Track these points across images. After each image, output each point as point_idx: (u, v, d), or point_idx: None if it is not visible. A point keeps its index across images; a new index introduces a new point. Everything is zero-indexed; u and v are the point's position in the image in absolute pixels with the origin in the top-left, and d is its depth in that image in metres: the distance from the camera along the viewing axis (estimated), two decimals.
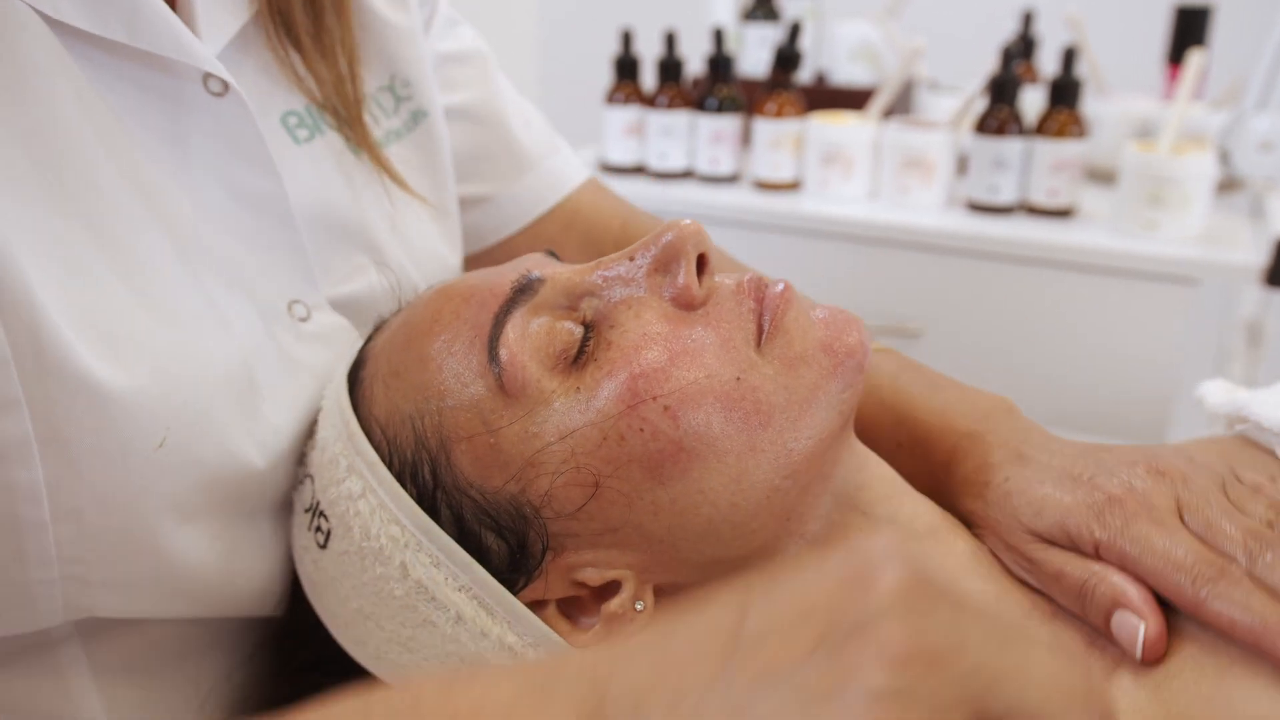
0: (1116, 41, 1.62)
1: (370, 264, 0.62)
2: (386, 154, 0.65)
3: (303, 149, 0.59)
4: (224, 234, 0.55)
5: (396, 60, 0.66)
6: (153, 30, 0.50)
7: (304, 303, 0.58)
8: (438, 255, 0.68)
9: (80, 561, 0.49)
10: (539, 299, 0.52)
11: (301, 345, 0.57)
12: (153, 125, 0.52)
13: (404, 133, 0.67)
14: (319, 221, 0.59)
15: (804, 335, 0.51)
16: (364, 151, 0.62)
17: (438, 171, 0.69)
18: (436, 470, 0.51)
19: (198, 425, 0.50)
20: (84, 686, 0.55)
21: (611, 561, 0.51)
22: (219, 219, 0.54)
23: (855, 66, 1.59)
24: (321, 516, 0.54)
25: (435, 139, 0.69)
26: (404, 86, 0.67)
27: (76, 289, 0.46)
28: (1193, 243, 1.12)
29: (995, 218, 1.22)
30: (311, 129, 0.60)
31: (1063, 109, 1.18)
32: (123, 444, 0.47)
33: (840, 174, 1.31)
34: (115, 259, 0.48)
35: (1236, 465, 0.51)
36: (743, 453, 0.49)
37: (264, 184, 0.55)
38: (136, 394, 0.47)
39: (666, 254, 0.52)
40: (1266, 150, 1.21)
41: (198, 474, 0.51)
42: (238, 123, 0.54)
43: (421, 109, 0.68)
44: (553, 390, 0.49)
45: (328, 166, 0.60)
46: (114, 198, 0.49)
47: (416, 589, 0.51)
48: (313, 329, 0.58)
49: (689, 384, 0.48)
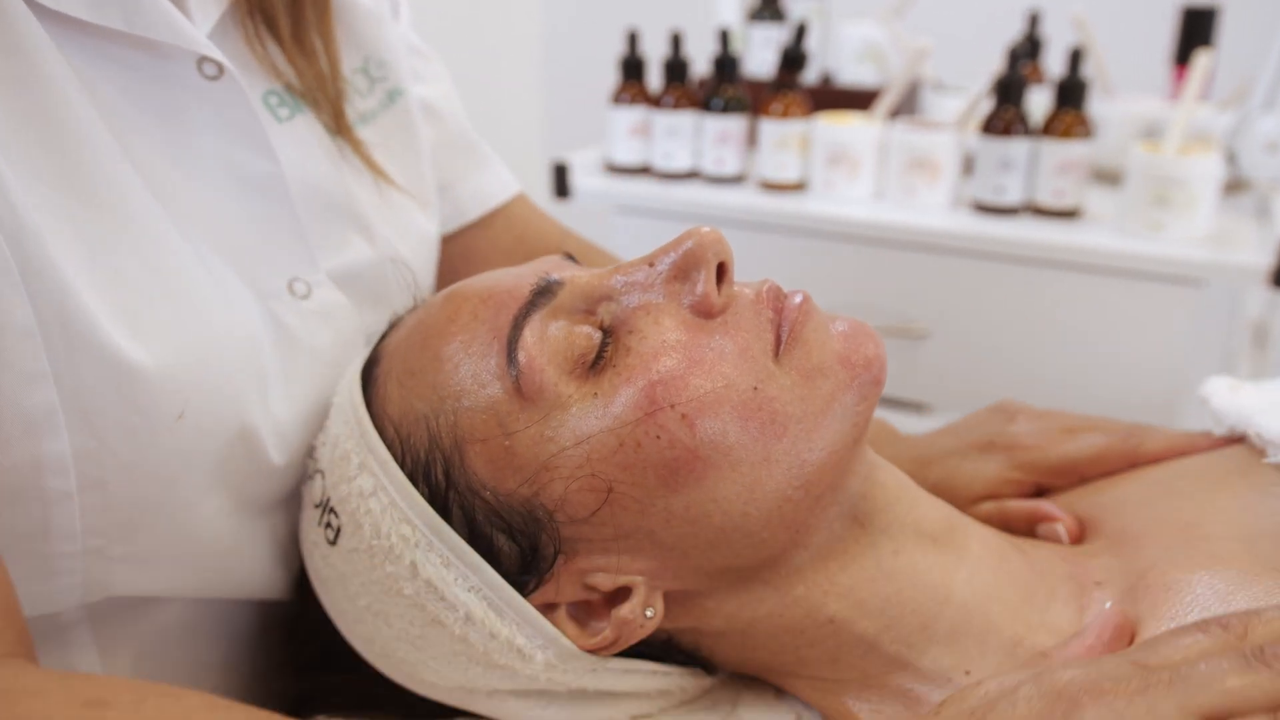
0: (1123, 42, 1.61)
1: (359, 237, 0.63)
2: (364, 133, 0.66)
3: (284, 127, 0.60)
4: (224, 215, 0.55)
5: (369, 42, 0.67)
6: (149, 16, 0.50)
7: (304, 280, 0.59)
8: (419, 229, 0.69)
9: (102, 534, 0.50)
10: (557, 302, 0.52)
11: (303, 323, 0.58)
12: (149, 110, 0.53)
13: (380, 111, 0.68)
14: (309, 197, 0.60)
15: (822, 347, 0.51)
16: (340, 135, 0.63)
17: (414, 148, 0.70)
18: (450, 470, 0.51)
19: (215, 398, 0.51)
20: (91, 670, 0.56)
21: (623, 567, 0.51)
22: (218, 200, 0.55)
23: (861, 67, 1.59)
24: (331, 513, 0.54)
25: (411, 115, 0.70)
26: (378, 68, 0.68)
27: (98, 267, 0.48)
28: (1199, 244, 1.12)
29: (1001, 218, 1.22)
30: (292, 108, 0.60)
31: (1069, 110, 1.18)
32: (145, 416, 0.49)
33: (846, 175, 1.31)
34: (129, 238, 0.49)
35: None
36: (757, 462, 0.49)
37: (261, 164, 0.56)
38: (158, 367, 0.49)
39: (687, 261, 0.52)
40: (1273, 151, 1.21)
41: (215, 445, 0.52)
42: (232, 104, 0.54)
43: (397, 87, 0.69)
44: (570, 395, 0.49)
45: (311, 143, 0.61)
46: (122, 181, 0.50)
47: (426, 588, 0.51)
48: (313, 306, 0.59)
49: (707, 392, 0.48)
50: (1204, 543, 0.53)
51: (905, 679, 0.53)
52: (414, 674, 0.54)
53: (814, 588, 0.53)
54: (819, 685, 0.55)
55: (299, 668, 0.63)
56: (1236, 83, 1.42)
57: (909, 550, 0.54)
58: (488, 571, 0.50)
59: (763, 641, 0.54)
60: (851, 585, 0.53)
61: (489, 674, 0.53)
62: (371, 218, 0.63)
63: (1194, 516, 0.56)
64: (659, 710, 0.58)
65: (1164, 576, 0.51)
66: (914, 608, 0.53)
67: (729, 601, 0.53)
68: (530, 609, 0.51)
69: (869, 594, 0.53)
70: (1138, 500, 0.60)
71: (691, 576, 0.52)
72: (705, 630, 0.54)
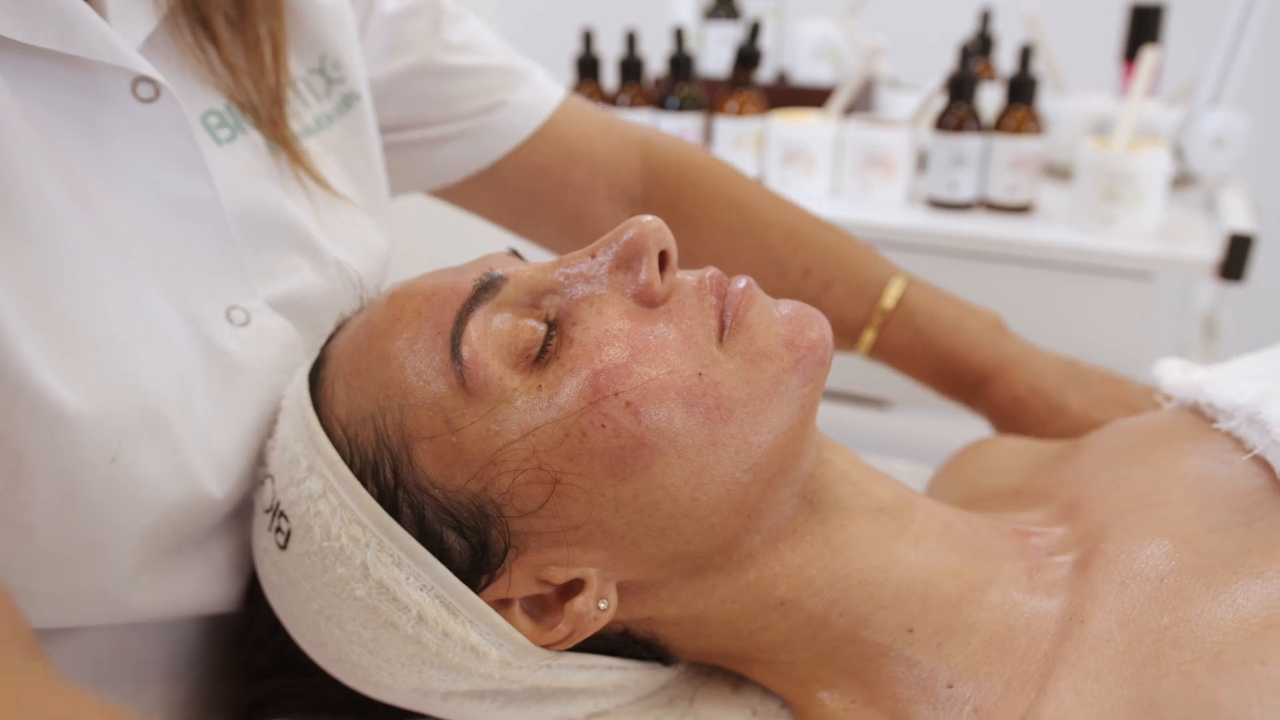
0: (1073, 39, 1.64)
1: (304, 260, 0.61)
2: (319, 139, 0.64)
3: (224, 149, 0.58)
4: (159, 242, 0.53)
5: (326, 41, 0.65)
6: (86, 36, 0.49)
7: (242, 307, 0.57)
8: (369, 245, 0.67)
9: (24, 573, 0.48)
10: (501, 297, 0.52)
11: (242, 349, 0.56)
12: (83, 134, 0.51)
13: (336, 116, 0.66)
14: (249, 222, 0.58)
15: (766, 331, 0.52)
16: (282, 149, 0.61)
17: (370, 155, 0.69)
18: (398, 469, 0.50)
19: (148, 439, 0.50)
20: None
21: (574, 559, 0.51)
22: (153, 227, 0.53)
23: (817, 65, 1.60)
24: (282, 517, 0.53)
25: (366, 120, 0.68)
26: (335, 69, 0.66)
27: (30, 307, 0.46)
28: (1149, 238, 1.14)
29: (955, 214, 1.23)
30: (233, 128, 0.59)
31: (1020, 106, 1.20)
32: (77, 460, 0.47)
33: (802, 172, 1.32)
34: (63, 274, 0.48)
35: None
36: (703, 447, 0.49)
37: (197, 189, 0.54)
38: (90, 411, 0.47)
39: (628, 251, 0.52)
40: (1219, 147, 1.23)
41: (150, 486, 0.50)
42: (169, 128, 0.53)
43: (354, 91, 0.67)
44: (514, 388, 0.49)
45: (252, 166, 0.59)
46: (55, 211, 0.48)
47: (378, 589, 0.50)
48: (251, 333, 0.57)
49: (650, 380, 0.48)
50: (1158, 509, 0.54)
51: (854, 652, 0.53)
52: (368, 678, 0.54)
53: (765, 570, 0.53)
54: (775, 669, 0.55)
55: (249, 675, 0.62)
56: (1184, 80, 1.45)
57: (856, 524, 0.54)
58: (439, 569, 0.50)
59: (717, 628, 0.54)
60: (800, 564, 0.53)
61: (444, 675, 0.52)
62: (317, 237, 0.61)
63: (1149, 484, 0.56)
64: (616, 707, 0.58)
65: (1118, 544, 0.52)
66: (860, 578, 0.53)
67: (683, 590, 0.53)
68: (483, 605, 0.50)
69: (817, 570, 0.53)
70: (1092, 468, 0.61)
71: (644, 566, 0.52)
72: (660, 620, 0.54)
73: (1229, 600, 0.46)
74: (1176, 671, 0.45)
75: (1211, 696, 0.43)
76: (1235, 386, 0.59)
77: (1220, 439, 0.58)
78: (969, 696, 0.50)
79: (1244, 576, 0.47)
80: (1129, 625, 0.48)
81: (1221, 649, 0.44)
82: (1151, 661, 0.46)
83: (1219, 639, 0.45)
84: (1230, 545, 0.50)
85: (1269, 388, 0.57)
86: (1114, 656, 0.47)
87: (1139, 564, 0.50)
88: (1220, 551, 0.49)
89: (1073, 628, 0.49)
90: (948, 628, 0.52)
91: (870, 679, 0.53)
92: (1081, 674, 0.47)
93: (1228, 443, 0.58)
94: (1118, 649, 0.47)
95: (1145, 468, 0.58)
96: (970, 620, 0.52)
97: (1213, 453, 0.57)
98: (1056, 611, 0.51)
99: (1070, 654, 0.48)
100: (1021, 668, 0.50)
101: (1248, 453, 0.56)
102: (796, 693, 0.55)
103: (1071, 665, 0.48)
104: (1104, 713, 0.45)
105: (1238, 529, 0.51)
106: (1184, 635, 0.46)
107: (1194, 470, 0.56)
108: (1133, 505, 0.55)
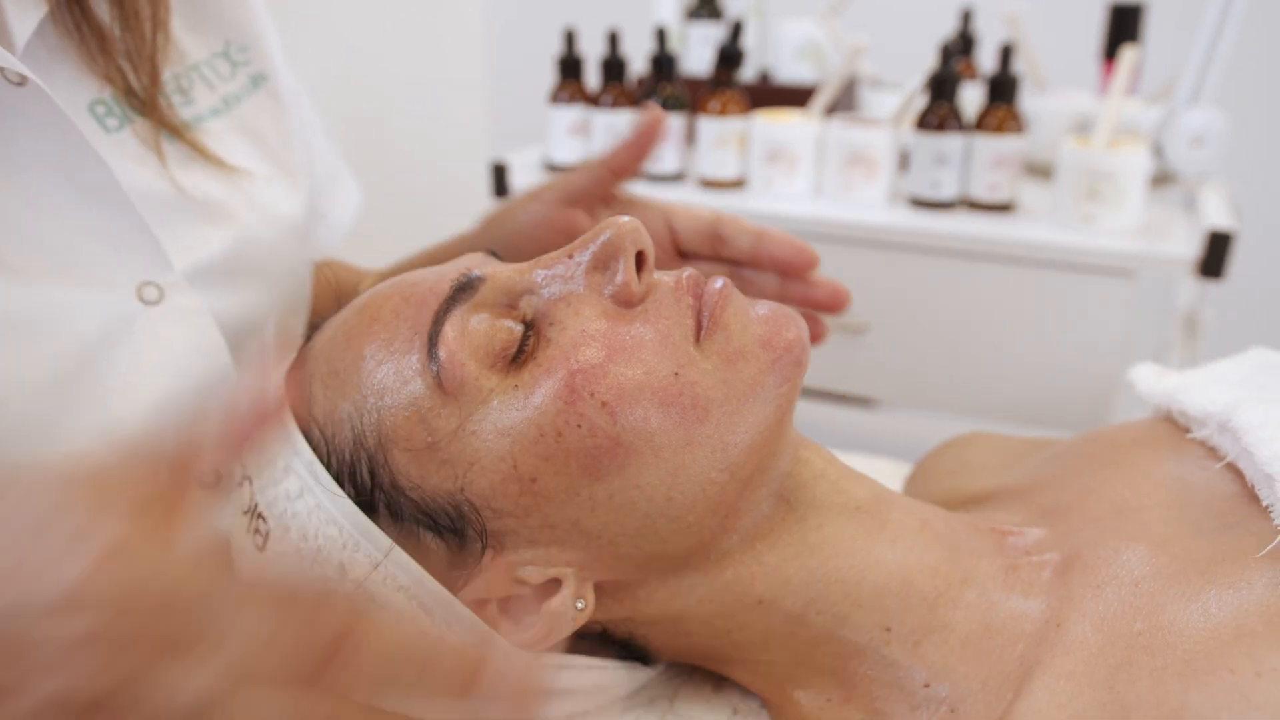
0: (1054, 38, 1.64)
1: (215, 233, 0.61)
2: (226, 119, 0.65)
3: (114, 137, 0.58)
4: (59, 227, 0.54)
5: (231, 25, 0.66)
6: None
7: (156, 284, 0.57)
8: (282, 211, 0.67)
9: None
10: (479, 297, 0.52)
11: (156, 327, 0.56)
12: None
13: (244, 95, 0.67)
14: (151, 204, 0.58)
15: (743, 331, 0.52)
16: (168, 133, 0.61)
17: (283, 128, 0.69)
18: (375, 469, 0.50)
19: (22, 433, 0.49)
20: None
21: (551, 559, 0.51)
22: (51, 212, 0.53)
23: (799, 65, 1.60)
24: (260, 518, 0.53)
25: (279, 99, 0.69)
26: (240, 52, 0.67)
27: None
28: (1130, 236, 1.14)
29: (937, 213, 1.24)
30: (120, 118, 0.59)
31: (1001, 105, 1.20)
32: None
33: (784, 171, 1.32)
34: None
35: None
36: (679, 447, 0.49)
37: (89, 171, 0.54)
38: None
39: (605, 251, 0.52)
40: (1198, 145, 1.24)
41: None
42: (49, 116, 0.53)
43: (261, 72, 0.68)
44: (491, 388, 0.49)
45: (143, 151, 0.59)
46: None
47: (355, 590, 0.50)
48: (165, 310, 0.57)
49: (627, 380, 0.48)
50: (1136, 513, 0.54)
51: (831, 651, 0.53)
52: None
53: (742, 570, 0.53)
54: (754, 669, 0.55)
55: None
56: (1163, 78, 1.45)
57: (833, 523, 0.54)
58: (416, 570, 0.50)
59: (696, 628, 0.54)
60: (778, 563, 0.53)
61: None
62: (223, 208, 0.62)
63: (1127, 488, 0.57)
64: (597, 707, 0.57)
65: (1095, 548, 0.52)
66: (838, 577, 0.53)
67: (660, 590, 0.53)
68: (460, 606, 0.50)
69: (795, 569, 0.53)
70: (1070, 471, 0.61)
71: (621, 566, 0.52)
72: (638, 619, 0.54)
73: (1201, 608, 0.47)
74: (1148, 676, 0.45)
75: (1181, 701, 0.44)
76: (1207, 394, 0.60)
77: (1196, 446, 0.59)
78: (946, 696, 0.50)
79: (1216, 585, 0.48)
80: (1103, 629, 0.48)
81: (1192, 656, 0.45)
82: (1124, 666, 0.46)
83: (1190, 646, 0.46)
84: (1205, 551, 0.50)
85: (1241, 395, 0.58)
86: (1088, 659, 0.47)
87: (1115, 568, 0.51)
88: (1195, 557, 0.50)
89: (1049, 630, 0.50)
90: (925, 627, 0.52)
91: (847, 678, 0.53)
92: (1055, 675, 0.48)
93: (1203, 450, 0.58)
94: (1092, 652, 0.48)
95: (1123, 472, 0.59)
96: (947, 620, 0.52)
97: (1189, 459, 0.58)
98: (1034, 613, 0.51)
99: (1045, 656, 0.49)
100: (998, 668, 0.50)
101: (1221, 460, 0.56)
102: (774, 691, 0.55)
103: (1046, 667, 0.48)
104: (1076, 714, 0.46)
105: (1213, 534, 0.52)
106: (1156, 641, 0.46)
107: (1171, 475, 0.57)
108: (1111, 509, 0.56)
